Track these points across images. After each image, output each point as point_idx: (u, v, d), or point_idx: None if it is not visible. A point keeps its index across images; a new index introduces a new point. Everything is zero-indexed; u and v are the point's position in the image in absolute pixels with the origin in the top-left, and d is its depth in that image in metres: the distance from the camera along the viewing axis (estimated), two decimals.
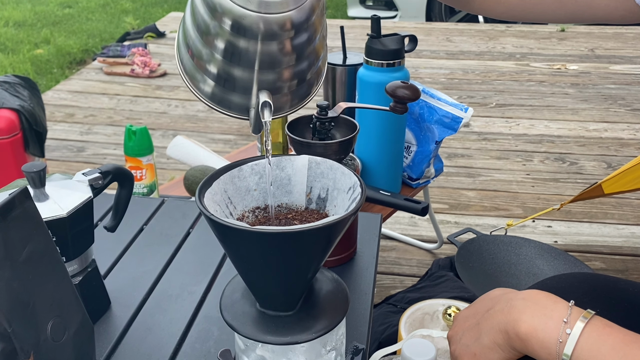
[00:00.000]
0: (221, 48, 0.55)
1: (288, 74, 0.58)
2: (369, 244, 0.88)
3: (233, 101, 0.60)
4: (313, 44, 0.58)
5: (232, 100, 0.60)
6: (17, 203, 0.51)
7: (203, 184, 0.54)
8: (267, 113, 0.56)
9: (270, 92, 0.58)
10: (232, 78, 0.57)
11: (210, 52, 0.56)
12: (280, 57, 0.56)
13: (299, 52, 0.57)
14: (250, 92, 0.58)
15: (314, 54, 0.59)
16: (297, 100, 0.62)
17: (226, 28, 0.53)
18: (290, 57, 0.56)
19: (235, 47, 0.55)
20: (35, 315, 0.52)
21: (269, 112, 0.56)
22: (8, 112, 1.67)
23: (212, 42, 0.55)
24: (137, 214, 0.94)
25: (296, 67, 0.58)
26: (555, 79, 3.08)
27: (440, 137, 1.31)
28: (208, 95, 0.60)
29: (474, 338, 0.60)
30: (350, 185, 0.55)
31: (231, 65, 0.56)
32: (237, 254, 0.52)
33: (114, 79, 3.17)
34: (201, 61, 0.57)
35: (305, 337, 0.53)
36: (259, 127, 0.59)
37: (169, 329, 0.71)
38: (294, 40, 0.55)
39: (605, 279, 0.66)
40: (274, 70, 0.57)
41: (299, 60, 0.57)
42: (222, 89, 0.59)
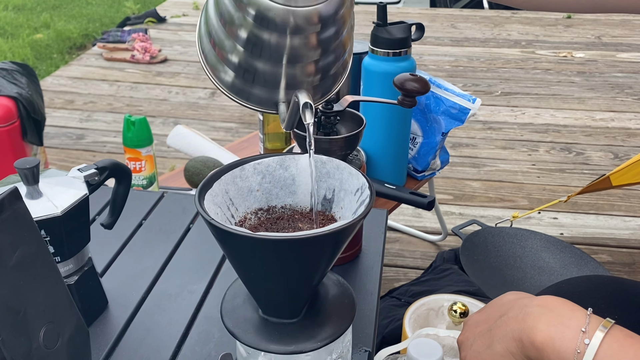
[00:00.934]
0: (244, 39, 0.53)
1: (313, 68, 0.56)
2: (374, 241, 0.86)
3: (252, 92, 0.58)
4: (340, 37, 0.56)
5: (252, 91, 0.58)
6: (6, 205, 0.49)
7: (203, 184, 0.51)
8: (309, 115, 0.53)
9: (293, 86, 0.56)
10: (255, 70, 0.55)
11: (233, 43, 0.54)
12: (306, 51, 0.53)
13: (325, 46, 0.54)
14: (275, 85, 0.56)
15: (341, 47, 0.57)
16: (320, 95, 0.60)
17: (250, 20, 0.51)
18: (316, 52, 0.54)
19: (259, 39, 0.52)
20: (27, 322, 0.49)
21: (311, 114, 0.53)
22: (5, 99, 1.64)
23: (235, 33, 0.53)
24: (136, 209, 0.91)
25: (322, 61, 0.56)
26: (562, 67, 3.04)
27: (447, 129, 1.28)
28: (229, 85, 0.59)
29: (485, 345, 0.58)
30: (358, 186, 0.52)
31: (254, 58, 0.54)
32: (239, 260, 0.49)
33: (114, 64, 3.13)
34: (223, 52, 0.55)
35: (310, 345, 0.50)
36: (292, 125, 0.57)
37: (168, 330, 0.69)
38: (320, 34, 0.53)
39: (623, 283, 0.63)
40: (299, 65, 0.55)
41: (325, 54, 0.55)
42: (241, 80, 0.57)
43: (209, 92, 2.79)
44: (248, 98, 0.59)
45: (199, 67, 3.10)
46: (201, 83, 2.90)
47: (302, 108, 0.53)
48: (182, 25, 3.80)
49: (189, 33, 3.65)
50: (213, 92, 2.78)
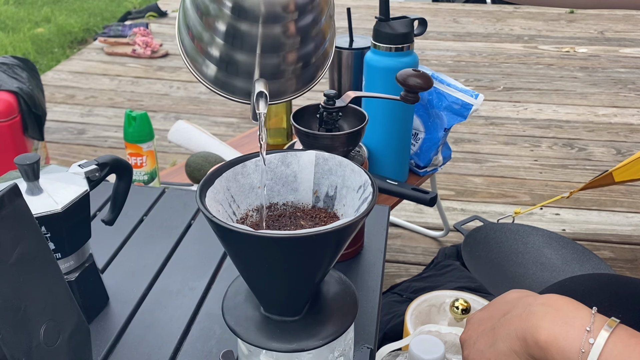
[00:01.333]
0: (222, 31, 0.52)
1: (292, 58, 0.55)
2: (376, 238, 0.85)
3: (236, 85, 0.57)
4: (319, 25, 0.55)
5: (235, 84, 0.57)
6: (6, 201, 0.48)
7: (204, 181, 0.51)
8: (262, 104, 0.52)
9: (274, 76, 0.55)
10: (234, 62, 0.54)
11: (211, 35, 0.53)
12: (284, 40, 0.52)
13: (303, 35, 0.53)
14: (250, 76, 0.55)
15: (320, 35, 0.56)
16: (302, 84, 0.59)
17: (226, 11, 0.50)
18: (295, 40, 0.53)
19: (236, 30, 0.51)
20: (27, 319, 0.49)
21: (264, 103, 0.52)
22: (6, 94, 1.63)
23: (212, 24, 0.52)
24: (137, 205, 0.91)
25: (301, 50, 0.55)
26: (564, 62, 3.03)
27: (450, 124, 1.28)
28: (210, 78, 0.58)
29: (488, 343, 0.57)
30: (361, 183, 0.52)
31: (232, 49, 0.53)
32: (241, 258, 0.49)
33: (115, 59, 3.12)
34: (202, 44, 0.54)
35: (312, 343, 0.50)
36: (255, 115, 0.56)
37: (169, 326, 0.69)
38: (298, 22, 0.52)
39: (627, 282, 0.63)
40: (277, 54, 0.54)
41: (303, 43, 0.54)
42: (224, 73, 0.56)
43: None
44: (233, 91, 0.58)
45: None
46: None
47: (256, 97, 0.52)
48: None
49: None
50: None
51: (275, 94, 0.58)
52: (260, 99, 0.52)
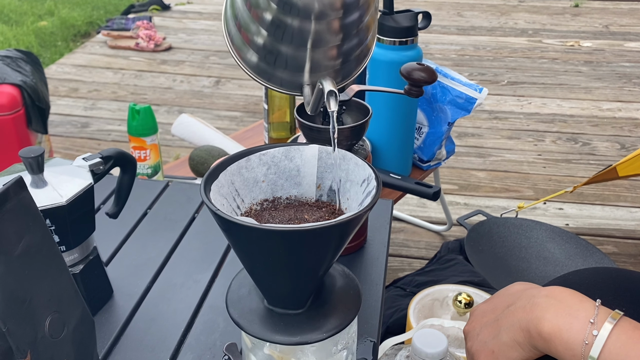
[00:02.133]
0: (268, 23, 0.54)
1: (335, 52, 0.57)
2: (379, 232, 0.85)
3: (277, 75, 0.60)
4: (364, 21, 0.56)
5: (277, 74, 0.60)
6: (11, 194, 0.48)
7: (209, 175, 0.51)
8: (333, 103, 0.54)
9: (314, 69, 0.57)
10: (278, 53, 0.57)
11: (258, 26, 0.55)
12: (328, 36, 0.54)
13: (348, 31, 0.55)
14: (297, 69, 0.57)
15: (364, 30, 0.57)
16: (341, 78, 0.61)
17: (274, 4, 0.52)
18: (338, 36, 0.55)
19: (282, 23, 0.53)
20: (32, 311, 0.49)
21: (335, 101, 0.53)
22: (10, 87, 1.63)
23: (260, 16, 0.54)
24: (141, 198, 0.91)
25: (345, 45, 0.57)
26: (568, 57, 3.02)
27: (453, 119, 1.27)
28: (253, 66, 0.60)
29: (492, 335, 0.58)
30: (365, 177, 0.52)
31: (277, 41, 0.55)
32: (245, 251, 0.49)
33: (119, 52, 3.12)
34: (248, 34, 0.57)
35: (316, 336, 0.50)
36: (316, 109, 0.58)
37: (173, 319, 0.69)
38: (343, 19, 0.53)
39: (630, 275, 0.63)
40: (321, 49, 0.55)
41: (347, 39, 0.56)
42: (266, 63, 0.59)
43: (214, 80, 2.78)
44: (269, 79, 0.60)
45: (203, 55, 3.09)
46: (205, 71, 2.89)
47: (327, 96, 0.53)
48: (187, 13, 3.78)
49: (193, 21, 3.64)
50: (217, 81, 2.77)
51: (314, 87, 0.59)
52: (331, 97, 0.53)
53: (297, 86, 0.60)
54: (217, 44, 3.23)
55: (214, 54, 3.10)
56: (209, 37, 3.35)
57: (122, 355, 0.64)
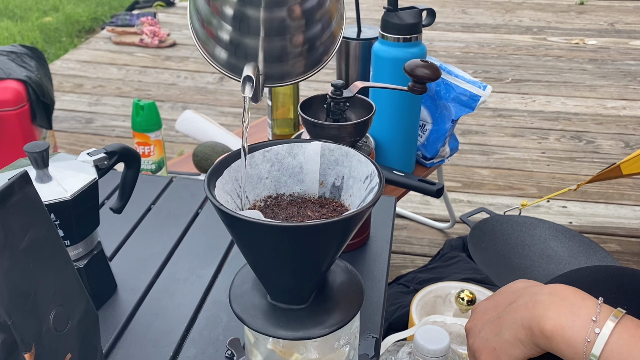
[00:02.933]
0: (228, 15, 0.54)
1: (297, 40, 0.56)
2: (382, 228, 0.86)
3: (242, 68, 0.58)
4: (325, 6, 0.55)
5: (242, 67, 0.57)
6: (16, 188, 0.49)
7: (213, 171, 0.51)
8: (248, 88, 0.53)
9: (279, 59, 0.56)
10: (241, 45, 0.56)
11: (218, 20, 0.54)
12: (288, 22, 0.53)
13: (308, 17, 0.54)
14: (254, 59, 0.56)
15: (327, 16, 0.56)
16: (308, 68, 0.60)
17: None
18: (299, 23, 0.54)
19: (240, 14, 0.53)
20: (37, 305, 0.49)
21: (251, 87, 0.53)
22: (15, 82, 1.64)
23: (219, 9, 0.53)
24: (145, 193, 0.91)
25: (306, 33, 0.56)
26: (573, 54, 3.01)
27: (457, 116, 1.27)
28: (221, 62, 0.59)
29: (494, 332, 0.58)
30: (368, 174, 0.52)
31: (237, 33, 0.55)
32: (248, 247, 0.49)
33: (123, 48, 3.13)
34: (211, 28, 0.56)
35: (318, 332, 0.50)
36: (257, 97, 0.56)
37: (176, 314, 0.69)
38: (303, 4, 0.53)
39: (633, 274, 0.63)
40: (281, 37, 0.55)
41: (308, 26, 0.55)
42: (233, 57, 0.58)
43: (218, 76, 2.78)
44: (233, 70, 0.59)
45: None
46: (210, 68, 2.88)
47: (243, 80, 0.53)
48: None
49: None
50: (221, 77, 2.78)
51: (279, 77, 0.58)
52: (246, 83, 0.53)
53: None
54: None
55: None
56: None
57: (126, 349, 0.64)
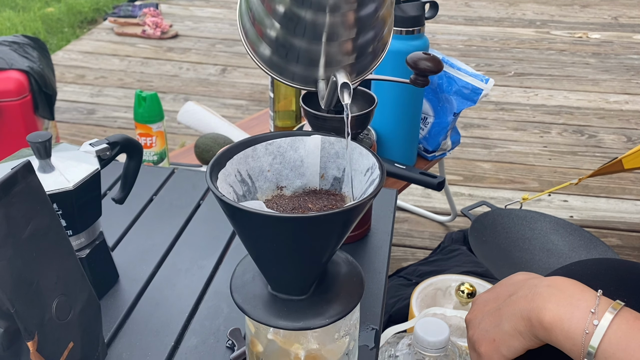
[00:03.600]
0: (281, 16, 0.54)
1: (350, 46, 0.56)
2: (383, 221, 0.86)
3: (290, 69, 0.59)
4: (379, 14, 0.55)
5: (290, 68, 0.59)
6: (19, 178, 0.49)
7: (215, 162, 0.51)
8: (346, 95, 0.54)
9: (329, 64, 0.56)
10: (291, 46, 0.56)
11: (271, 20, 0.55)
12: (342, 29, 0.54)
13: (362, 24, 0.54)
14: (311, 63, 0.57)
15: (380, 23, 0.57)
16: (356, 73, 0.61)
17: None
18: (353, 30, 0.54)
19: (295, 16, 0.53)
20: (40, 294, 0.50)
21: (349, 94, 0.54)
22: (17, 73, 1.64)
23: (273, 9, 0.54)
24: (147, 184, 0.92)
25: (360, 39, 0.56)
26: (576, 48, 3.00)
27: (459, 109, 1.27)
28: (266, 60, 0.60)
29: (493, 323, 0.58)
30: (369, 166, 0.52)
31: (290, 35, 0.55)
32: (249, 237, 0.49)
33: (125, 39, 3.12)
34: (262, 27, 0.56)
35: (319, 322, 0.51)
36: (330, 104, 0.58)
37: (177, 304, 0.70)
38: (358, 11, 0.53)
39: (633, 267, 0.63)
40: (335, 42, 0.55)
41: (362, 32, 0.55)
42: (278, 57, 0.58)
43: (220, 68, 2.78)
44: (282, 73, 0.60)
45: (209, 43, 3.09)
46: (212, 59, 2.89)
47: (340, 88, 0.53)
48: (193, 1, 3.77)
49: (200, 8, 3.63)
50: (224, 69, 2.77)
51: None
52: (344, 90, 0.54)
53: (310, 80, 0.60)
54: (224, 32, 3.23)
55: (220, 42, 3.09)
56: (216, 25, 3.34)
57: (128, 338, 0.65)
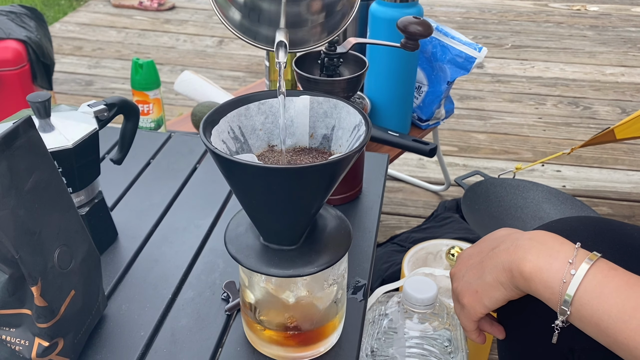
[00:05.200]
0: None
1: (317, 6, 0.57)
2: (374, 184, 0.88)
3: (262, 33, 0.61)
4: None
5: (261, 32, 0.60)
6: (21, 132, 0.51)
7: (208, 119, 0.53)
8: (281, 54, 0.55)
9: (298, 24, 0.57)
10: (260, 10, 0.57)
11: None
12: None
13: None
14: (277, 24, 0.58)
15: None
16: (326, 33, 0.62)
17: None
18: None
19: None
20: (42, 243, 0.52)
21: (284, 52, 0.55)
22: (15, 42, 1.65)
23: None
24: (144, 148, 0.94)
25: None
26: (574, 21, 2.99)
27: (453, 77, 1.29)
28: (236, 24, 0.61)
29: (476, 276, 0.61)
30: (356, 124, 0.54)
31: None
32: (242, 190, 0.52)
33: (122, 11, 3.11)
34: None
35: (308, 270, 0.53)
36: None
37: (175, 260, 0.73)
38: None
39: (611, 223, 0.65)
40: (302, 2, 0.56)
41: None
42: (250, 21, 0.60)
43: (217, 40, 2.78)
44: (255, 37, 0.61)
45: (207, 14, 3.08)
46: (209, 31, 2.88)
47: (276, 46, 0.55)
48: None
49: None
50: (221, 41, 2.77)
51: (298, 43, 0.61)
52: (280, 49, 0.55)
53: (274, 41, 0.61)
54: None
55: None
56: None
57: (127, 291, 0.68)
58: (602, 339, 0.52)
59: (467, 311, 0.61)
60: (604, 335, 0.51)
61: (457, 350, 0.87)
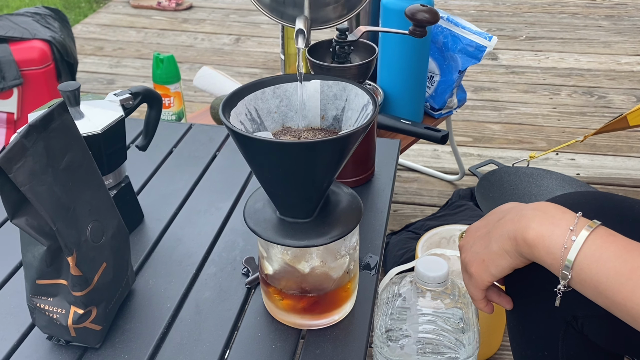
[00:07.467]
0: None
1: None
2: (386, 167, 0.92)
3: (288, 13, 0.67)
4: None
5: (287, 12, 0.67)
6: (56, 115, 0.56)
7: (228, 101, 0.57)
8: (300, 40, 0.59)
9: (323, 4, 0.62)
10: None
11: None
12: None
13: None
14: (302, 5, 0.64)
15: None
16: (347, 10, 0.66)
17: None
18: None
19: None
20: (76, 217, 0.57)
21: (303, 39, 0.59)
22: (40, 42, 1.71)
23: None
24: (167, 138, 0.98)
25: None
26: (589, 11, 2.99)
27: (464, 66, 1.32)
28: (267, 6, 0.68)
29: (483, 245, 0.63)
30: (364, 104, 0.58)
31: None
32: (259, 165, 0.56)
33: (141, 12, 3.18)
34: None
35: (321, 241, 0.57)
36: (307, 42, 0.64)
37: (198, 239, 0.77)
38: None
39: (613, 197, 0.68)
40: None
41: None
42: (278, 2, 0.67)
43: (234, 38, 2.83)
44: (282, 16, 0.67)
45: (223, 13, 3.13)
46: (226, 29, 2.93)
47: (296, 34, 0.59)
48: None
49: None
50: (237, 38, 2.82)
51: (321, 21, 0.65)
52: (299, 36, 0.59)
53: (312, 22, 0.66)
54: (237, 2, 3.26)
55: (234, 12, 3.14)
56: None
57: (153, 268, 0.72)
58: (601, 301, 0.55)
59: (474, 280, 0.65)
60: (602, 297, 0.54)
61: (468, 327, 0.90)
